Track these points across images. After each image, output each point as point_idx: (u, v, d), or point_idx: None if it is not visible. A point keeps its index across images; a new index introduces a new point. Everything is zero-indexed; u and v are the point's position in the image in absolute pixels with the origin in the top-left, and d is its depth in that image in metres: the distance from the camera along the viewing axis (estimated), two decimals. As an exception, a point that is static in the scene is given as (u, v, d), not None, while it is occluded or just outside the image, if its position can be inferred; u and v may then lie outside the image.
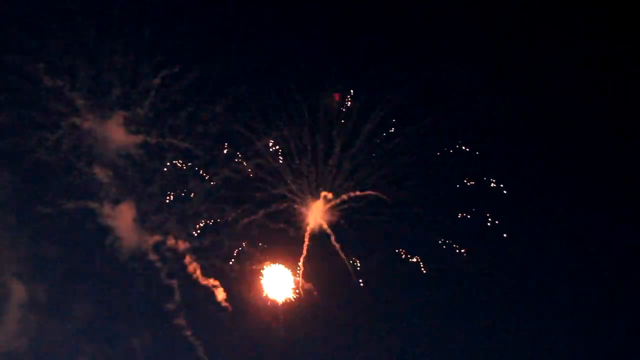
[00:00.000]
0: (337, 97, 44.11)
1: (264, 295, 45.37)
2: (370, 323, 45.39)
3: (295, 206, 45.40)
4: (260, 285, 45.56)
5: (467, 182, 44.49)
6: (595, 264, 45.11)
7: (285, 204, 45.35)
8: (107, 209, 44.20)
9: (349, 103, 44.09)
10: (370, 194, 44.56)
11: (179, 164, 44.92)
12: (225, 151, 44.89)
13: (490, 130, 44.79)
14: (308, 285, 45.31)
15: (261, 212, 45.07)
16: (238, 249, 45.42)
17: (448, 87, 44.79)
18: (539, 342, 45.66)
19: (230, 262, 45.32)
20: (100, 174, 44.25)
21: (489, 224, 44.49)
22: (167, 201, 45.14)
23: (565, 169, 45.70)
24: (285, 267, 45.62)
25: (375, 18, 46.06)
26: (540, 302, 45.96)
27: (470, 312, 45.73)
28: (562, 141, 45.63)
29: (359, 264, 44.94)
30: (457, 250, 44.44)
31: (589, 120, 45.26)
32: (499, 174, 44.35)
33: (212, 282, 45.06)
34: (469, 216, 44.53)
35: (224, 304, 44.96)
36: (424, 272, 44.68)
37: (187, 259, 45.02)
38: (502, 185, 44.40)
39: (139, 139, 44.40)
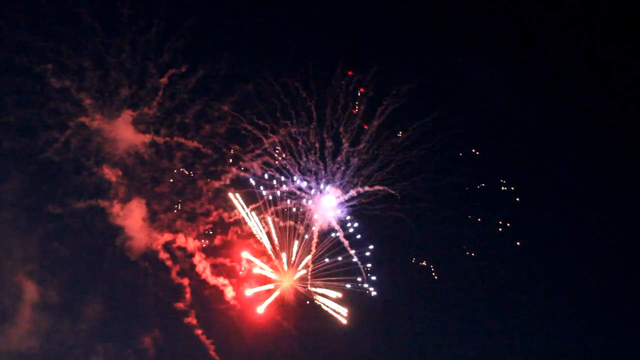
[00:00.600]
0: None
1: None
2: (378, 324, 45.90)
3: (304, 203, 45.45)
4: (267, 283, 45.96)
5: (477, 185, 44.40)
6: (607, 268, 45.21)
7: (294, 202, 45.42)
8: (116, 208, 44.38)
9: (357, 107, 43.90)
10: (379, 190, 44.42)
11: (187, 163, 45.07)
12: (233, 150, 44.88)
13: (501, 132, 44.76)
14: (319, 284, 45.62)
15: (270, 210, 45.21)
16: (247, 247, 45.69)
17: (459, 87, 44.77)
18: (550, 345, 45.95)
19: (240, 261, 45.66)
20: (110, 173, 44.38)
21: (500, 228, 44.60)
22: (177, 200, 45.30)
23: (578, 173, 45.56)
24: (294, 265, 45.80)
25: (383, 15, 45.91)
26: (552, 306, 46.21)
27: (480, 316, 46.29)
28: (575, 146, 45.56)
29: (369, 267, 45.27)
30: (467, 253, 44.67)
31: (603, 125, 45.03)
32: (510, 177, 44.38)
33: (221, 281, 45.33)
34: (479, 219, 44.57)
35: (234, 302, 45.31)
36: (435, 277, 45.09)
37: (197, 257, 45.28)
38: (513, 189, 44.38)
39: (147, 138, 44.43)
